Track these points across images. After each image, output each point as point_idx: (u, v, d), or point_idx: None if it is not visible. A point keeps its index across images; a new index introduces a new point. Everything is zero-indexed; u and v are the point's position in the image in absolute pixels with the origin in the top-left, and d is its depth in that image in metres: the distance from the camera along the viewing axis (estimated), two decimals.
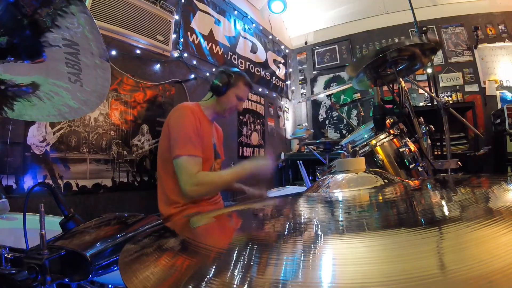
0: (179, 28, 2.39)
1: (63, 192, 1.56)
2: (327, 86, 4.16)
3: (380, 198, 0.53)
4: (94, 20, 0.64)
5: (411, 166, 1.25)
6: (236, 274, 0.30)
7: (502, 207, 0.38)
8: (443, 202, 0.48)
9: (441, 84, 3.45)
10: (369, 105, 3.62)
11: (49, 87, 0.66)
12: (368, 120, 1.81)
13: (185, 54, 2.42)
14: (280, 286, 0.27)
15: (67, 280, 0.49)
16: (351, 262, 0.29)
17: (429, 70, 2.79)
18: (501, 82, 3.28)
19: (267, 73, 3.68)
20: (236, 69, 1.66)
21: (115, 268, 0.53)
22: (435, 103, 1.80)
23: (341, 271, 0.28)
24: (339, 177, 0.60)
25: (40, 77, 0.64)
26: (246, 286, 0.28)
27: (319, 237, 0.38)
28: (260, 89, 3.52)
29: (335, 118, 4.11)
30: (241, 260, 0.34)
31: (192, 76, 2.44)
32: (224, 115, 1.63)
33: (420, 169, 1.26)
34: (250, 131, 3.27)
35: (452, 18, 3.53)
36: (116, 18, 1.84)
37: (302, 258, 0.32)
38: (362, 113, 2.65)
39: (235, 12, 3.20)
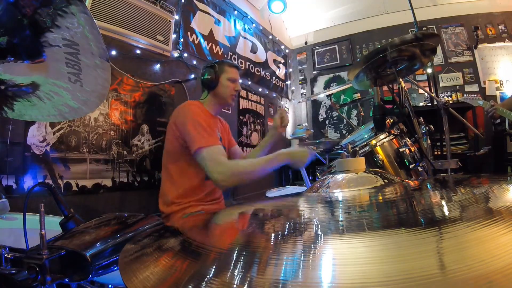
0: (179, 28, 2.39)
1: (63, 192, 1.56)
2: (327, 86, 4.16)
3: (380, 198, 0.53)
4: (94, 20, 0.64)
5: (411, 166, 1.25)
6: (236, 274, 0.30)
7: (502, 207, 0.38)
8: (443, 202, 0.48)
9: (441, 84, 3.45)
10: (369, 105, 3.62)
11: (49, 87, 0.66)
12: (368, 120, 1.81)
13: (185, 54, 2.42)
14: (280, 286, 0.27)
15: (67, 280, 0.49)
16: (351, 262, 0.29)
17: (429, 70, 2.79)
18: (501, 82, 3.28)
19: (267, 73, 3.67)
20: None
21: (115, 268, 0.53)
22: (435, 103, 1.80)
23: (341, 271, 0.28)
24: (339, 177, 0.61)
25: (40, 77, 0.64)
26: (246, 286, 0.28)
27: (319, 237, 0.38)
28: (260, 89, 3.52)
29: (335, 118, 4.11)
30: (241, 260, 0.34)
31: (192, 76, 2.44)
32: (228, 102, 1.65)
33: (420, 169, 1.27)
34: (250, 131, 3.27)
35: (452, 18, 3.53)
36: (116, 18, 1.83)
37: (302, 258, 0.32)
38: (362, 113, 2.66)
39: (235, 12, 3.20)
